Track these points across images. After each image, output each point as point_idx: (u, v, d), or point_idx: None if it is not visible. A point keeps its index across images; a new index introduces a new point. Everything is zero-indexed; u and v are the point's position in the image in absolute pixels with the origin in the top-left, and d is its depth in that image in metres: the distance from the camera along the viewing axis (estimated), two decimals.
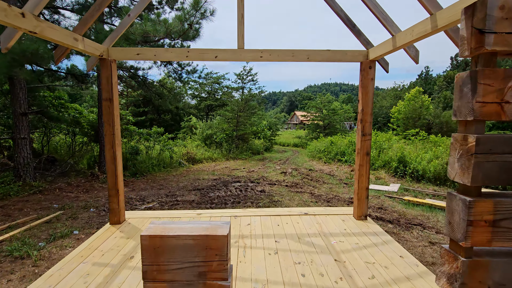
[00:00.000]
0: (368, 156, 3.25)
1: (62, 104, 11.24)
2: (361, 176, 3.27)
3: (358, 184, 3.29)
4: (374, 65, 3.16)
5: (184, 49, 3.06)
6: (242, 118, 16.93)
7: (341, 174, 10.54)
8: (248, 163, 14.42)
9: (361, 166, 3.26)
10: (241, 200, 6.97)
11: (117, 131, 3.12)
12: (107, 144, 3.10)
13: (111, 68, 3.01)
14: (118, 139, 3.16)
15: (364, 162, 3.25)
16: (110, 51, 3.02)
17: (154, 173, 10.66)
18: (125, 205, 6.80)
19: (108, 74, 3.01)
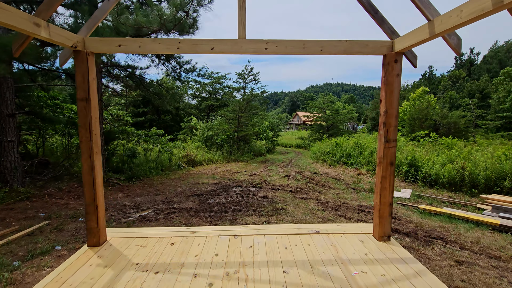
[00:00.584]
0: (393, 167, 2.74)
1: (57, 105, 10.78)
2: (384, 189, 2.77)
3: (380, 199, 2.79)
4: (400, 58, 2.66)
5: (174, 40, 2.57)
6: (243, 118, 16.45)
7: (347, 178, 10.03)
8: (250, 166, 13.93)
9: (383, 178, 2.76)
10: (242, 208, 6.48)
11: (95, 137, 2.64)
12: (83, 153, 2.62)
13: (88, 62, 2.53)
14: (97, 146, 2.67)
15: (387, 173, 2.75)
16: (87, 42, 2.54)
17: (152, 177, 10.19)
18: (118, 213, 6.34)
19: (84, 69, 2.52)
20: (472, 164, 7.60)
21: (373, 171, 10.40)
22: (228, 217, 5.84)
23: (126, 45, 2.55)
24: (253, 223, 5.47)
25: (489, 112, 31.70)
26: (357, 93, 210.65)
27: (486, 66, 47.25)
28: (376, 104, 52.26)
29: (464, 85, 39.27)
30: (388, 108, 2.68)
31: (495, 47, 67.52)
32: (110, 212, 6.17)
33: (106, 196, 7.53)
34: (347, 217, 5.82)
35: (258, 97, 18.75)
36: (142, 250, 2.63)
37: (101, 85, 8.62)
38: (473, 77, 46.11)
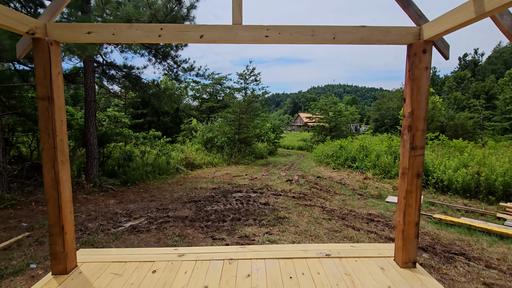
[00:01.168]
0: (420, 179, 2.27)
1: None
2: (409, 206, 2.29)
3: (404, 218, 2.31)
4: (430, 48, 2.19)
5: (155, 25, 2.12)
6: (244, 120, 15.99)
7: (353, 183, 9.53)
8: (251, 169, 13.46)
9: (408, 193, 2.28)
10: (241, 217, 6.01)
11: (60, 144, 2.19)
12: (45, 163, 2.16)
13: (50, 52, 2.08)
14: (63, 155, 2.22)
15: (413, 187, 2.28)
16: (50, 28, 2.09)
17: (148, 181, 9.75)
18: (108, 222, 5.90)
19: (45, 61, 2.07)
20: (488, 169, 7.10)
21: (380, 175, 9.91)
22: (226, 227, 5.38)
23: (97, 32, 2.10)
24: (253, 234, 5.00)
25: (496, 113, 31.11)
26: (359, 94, 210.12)
27: (491, 67, 46.61)
28: (379, 105, 51.60)
29: (469, 86, 38.65)
30: (415, 108, 2.21)
31: (499, 48, 66.78)
32: (100, 221, 5.73)
33: (98, 202, 7.09)
34: (356, 228, 5.34)
35: (260, 98, 18.29)
36: (117, 280, 2.17)
37: (94, 85, 8.21)
38: (478, 78, 45.42)
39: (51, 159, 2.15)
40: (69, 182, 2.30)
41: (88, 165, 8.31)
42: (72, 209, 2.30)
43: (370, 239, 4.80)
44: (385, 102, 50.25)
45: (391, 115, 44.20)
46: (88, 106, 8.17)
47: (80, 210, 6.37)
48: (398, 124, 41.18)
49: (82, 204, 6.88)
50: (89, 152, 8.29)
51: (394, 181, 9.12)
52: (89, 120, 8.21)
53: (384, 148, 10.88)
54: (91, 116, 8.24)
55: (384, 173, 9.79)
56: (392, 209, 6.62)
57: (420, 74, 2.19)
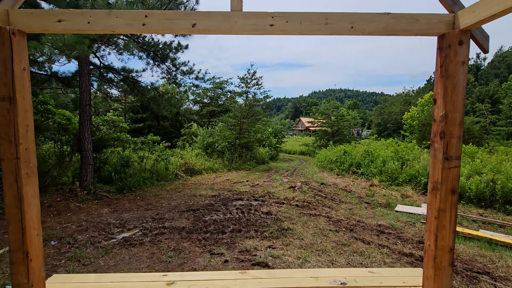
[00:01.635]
0: (456, 196, 1.90)
1: (48, 110, 10.06)
2: (442, 228, 1.91)
3: (436, 242, 1.93)
4: (467, 38, 1.83)
5: (139, 12, 1.78)
6: (245, 125, 15.65)
7: (359, 190, 9.13)
8: (252, 175, 13.08)
9: (441, 212, 1.91)
10: (242, 228, 5.62)
11: (25, 153, 1.83)
12: (6, 176, 1.80)
13: (12, 44, 1.74)
14: (29, 167, 1.86)
15: (448, 205, 1.90)
16: (13, 16, 1.75)
17: (145, 188, 9.38)
18: (99, 234, 5.52)
19: (6, 54, 1.73)
20: (504, 176, 6.69)
21: (386, 182, 9.50)
22: (225, 240, 4.99)
23: (70, 20, 1.76)
24: (254, 248, 4.61)
25: (501, 117, 30.70)
26: (360, 99, 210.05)
27: (494, 71, 46.27)
28: (381, 110, 51.21)
29: (473, 90, 38.28)
30: (449, 111, 1.85)
31: (500, 52, 66.54)
32: (91, 232, 5.35)
33: (91, 211, 6.72)
34: (366, 241, 4.94)
35: (261, 102, 17.97)
36: None
37: (89, 89, 7.91)
38: (481, 82, 45.09)
39: (12, 171, 1.79)
40: (37, 198, 1.94)
41: (82, 172, 7.97)
42: (40, 231, 1.94)
43: (382, 254, 4.40)
44: (387, 106, 49.92)
45: (393, 119, 43.84)
46: (83, 110, 7.85)
47: (70, 220, 6.00)
48: (401, 129, 40.78)
49: (74, 213, 6.51)
50: (83, 158, 7.95)
51: (402, 188, 8.71)
52: (84, 125, 7.89)
53: (391, 154, 10.49)
54: (86, 120, 7.92)
55: (391, 179, 9.38)
56: (402, 219, 6.21)
57: (456, 70, 1.83)
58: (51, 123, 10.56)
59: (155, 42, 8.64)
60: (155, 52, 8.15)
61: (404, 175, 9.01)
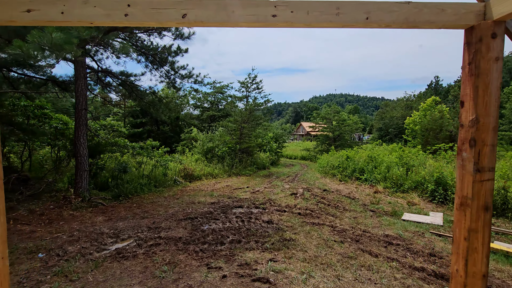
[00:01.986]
0: (489, 214, 1.63)
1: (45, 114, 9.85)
2: (473, 251, 1.64)
3: (466, 267, 1.66)
4: (501, 31, 1.59)
5: (121, 1, 1.54)
6: (246, 129, 15.42)
7: (363, 197, 8.83)
8: (253, 181, 12.80)
9: (473, 233, 1.64)
10: (242, 238, 5.34)
11: None
12: None
13: None
14: None
15: (479, 225, 1.63)
16: None
17: (142, 195, 9.11)
18: (91, 244, 5.23)
19: None
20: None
21: (391, 188, 9.21)
22: (224, 252, 4.71)
23: (40, 9, 1.53)
24: (254, 261, 4.32)
25: (504, 122, 30.42)
26: (360, 103, 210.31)
27: None
28: (383, 114, 50.96)
29: None
30: (481, 115, 1.59)
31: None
32: (82, 243, 5.07)
33: (84, 220, 6.44)
34: (373, 254, 4.64)
35: (262, 107, 17.77)
36: None
37: (85, 93, 7.70)
38: None
39: None
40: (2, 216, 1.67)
41: (77, 178, 7.71)
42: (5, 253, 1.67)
43: (392, 268, 4.10)
44: (389, 111, 49.72)
45: (395, 124, 43.58)
46: (78, 115, 7.63)
47: (62, 230, 5.73)
48: (403, 133, 40.49)
49: (67, 222, 6.23)
50: (79, 164, 7.70)
51: (408, 196, 8.41)
52: (79, 130, 7.66)
53: (395, 160, 10.21)
54: (81, 125, 7.69)
55: (396, 186, 9.09)
56: (411, 229, 5.91)
57: (488, 67, 1.58)
58: (47, 127, 10.36)
59: (154, 46, 8.46)
60: (154, 55, 7.96)
61: (409, 182, 8.72)
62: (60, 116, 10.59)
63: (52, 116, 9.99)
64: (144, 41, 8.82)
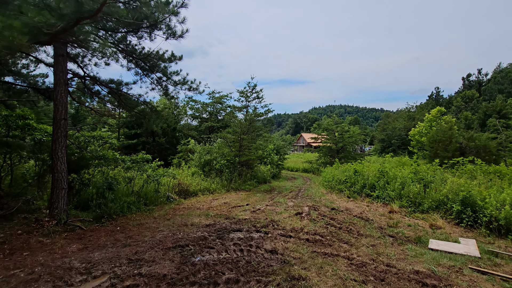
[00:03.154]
0: None
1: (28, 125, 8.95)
2: None
3: None
4: None
5: None
6: (245, 141, 14.53)
7: (377, 218, 7.83)
8: (253, 197, 11.81)
9: None
10: (240, 276, 4.35)
11: None
12: None
13: None
14: None
15: None
16: None
17: (129, 215, 8.12)
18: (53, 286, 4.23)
19: None
20: None
21: (408, 208, 8.23)
22: None
23: None
24: None
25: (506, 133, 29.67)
26: (360, 114, 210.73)
27: (498, 87, 45.71)
28: (385, 125, 50.30)
29: (479, 105, 37.43)
30: None
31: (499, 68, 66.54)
32: (42, 283, 4.08)
33: (54, 249, 5.44)
34: None
35: (262, 117, 16.94)
36: None
37: (66, 101, 6.85)
38: (485, 97, 44.42)
39: None
40: None
41: (52, 197, 6.75)
42: None
43: None
44: (390, 122, 49.08)
45: (397, 135, 42.84)
46: (57, 126, 6.75)
47: (22, 264, 4.73)
48: (406, 145, 39.66)
49: (32, 253, 5.23)
50: (55, 181, 6.76)
51: (429, 217, 7.42)
52: (57, 142, 6.76)
53: (410, 175, 9.27)
54: (60, 137, 6.80)
55: (414, 205, 8.12)
56: (444, 262, 4.91)
57: None
58: (28, 140, 9.46)
59: (146, 52, 7.67)
60: (143, 59, 7.17)
61: (429, 200, 7.76)
62: (45, 127, 9.69)
63: (36, 127, 9.10)
64: (135, 45, 8.06)
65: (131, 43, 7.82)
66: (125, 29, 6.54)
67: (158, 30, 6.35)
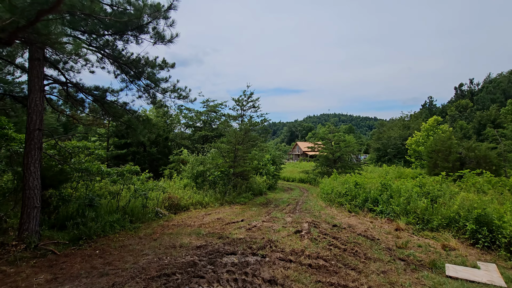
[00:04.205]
0: None
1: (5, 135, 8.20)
2: None
3: None
4: None
5: None
6: (240, 151, 13.90)
7: (384, 237, 7.21)
8: (248, 211, 11.11)
9: None
10: None
11: None
12: None
13: None
14: None
15: None
16: None
17: (112, 235, 7.34)
18: None
19: None
20: None
21: (416, 225, 7.64)
22: None
23: None
24: None
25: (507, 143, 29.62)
26: (354, 123, 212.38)
27: (490, 96, 46.25)
28: (380, 134, 50.18)
29: (473, 115, 37.61)
30: None
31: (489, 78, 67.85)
32: None
33: (17, 282, 4.65)
34: None
35: (258, 127, 16.37)
36: None
37: (41, 109, 6.17)
38: (478, 107, 44.86)
39: None
40: None
41: (23, 218, 5.98)
42: None
43: None
44: (386, 131, 49.01)
45: (393, 144, 42.65)
46: (30, 137, 6.05)
47: None
48: (401, 154, 39.44)
49: None
50: (26, 199, 6.00)
51: (440, 236, 6.83)
52: (30, 155, 6.04)
53: (415, 188, 8.72)
54: (33, 150, 6.09)
55: (422, 222, 7.54)
56: None
57: None
58: (3, 151, 8.71)
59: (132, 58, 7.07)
60: (129, 65, 6.57)
61: (438, 217, 7.19)
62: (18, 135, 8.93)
63: (14, 137, 8.35)
64: (122, 50, 7.48)
65: (117, 48, 7.23)
66: (109, 32, 5.95)
67: (144, 34, 5.78)
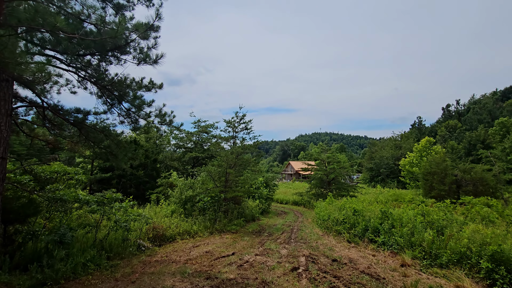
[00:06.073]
0: None
1: None
2: None
3: None
4: None
5: None
6: (232, 176, 13.22)
7: (390, 276, 6.52)
8: (240, 241, 10.27)
9: None
10: None
11: None
12: None
13: None
14: None
15: None
16: None
17: (84, 277, 6.42)
18: None
19: None
20: None
21: (423, 260, 7.00)
22: None
23: None
24: None
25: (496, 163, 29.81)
26: (345, 142, 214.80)
27: (477, 117, 47.43)
28: (372, 154, 50.35)
29: (463, 135, 38.17)
30: None
31: (473, 100, 70.20)
32: None
33: None
34: None
35: (251, 149, 15.83)
36: None
37: (6, 135, 5.48)
38: (466, 127, 45.81)
39: None
40: None
41: None
42: None
43: None
44: (378, 150, 49.20)
45: (385, 164, 42.63)
46: None
47: None
48: (394, 174, 39.30)
49: None
50: None
51: (451, 274, 6.18)
52: None
53: (418, 218, 8.16)
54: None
55: (430, 257, 6.91)
56: None
57: None
58: None
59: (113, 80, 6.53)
60: (111, 86, 6.02)
61: (447, 252, 6.58)
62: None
63: None
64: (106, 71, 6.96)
65: (99, 69, 6.71)
66: (87, 52, 5.45)
67: (126, 55, 5.29)
